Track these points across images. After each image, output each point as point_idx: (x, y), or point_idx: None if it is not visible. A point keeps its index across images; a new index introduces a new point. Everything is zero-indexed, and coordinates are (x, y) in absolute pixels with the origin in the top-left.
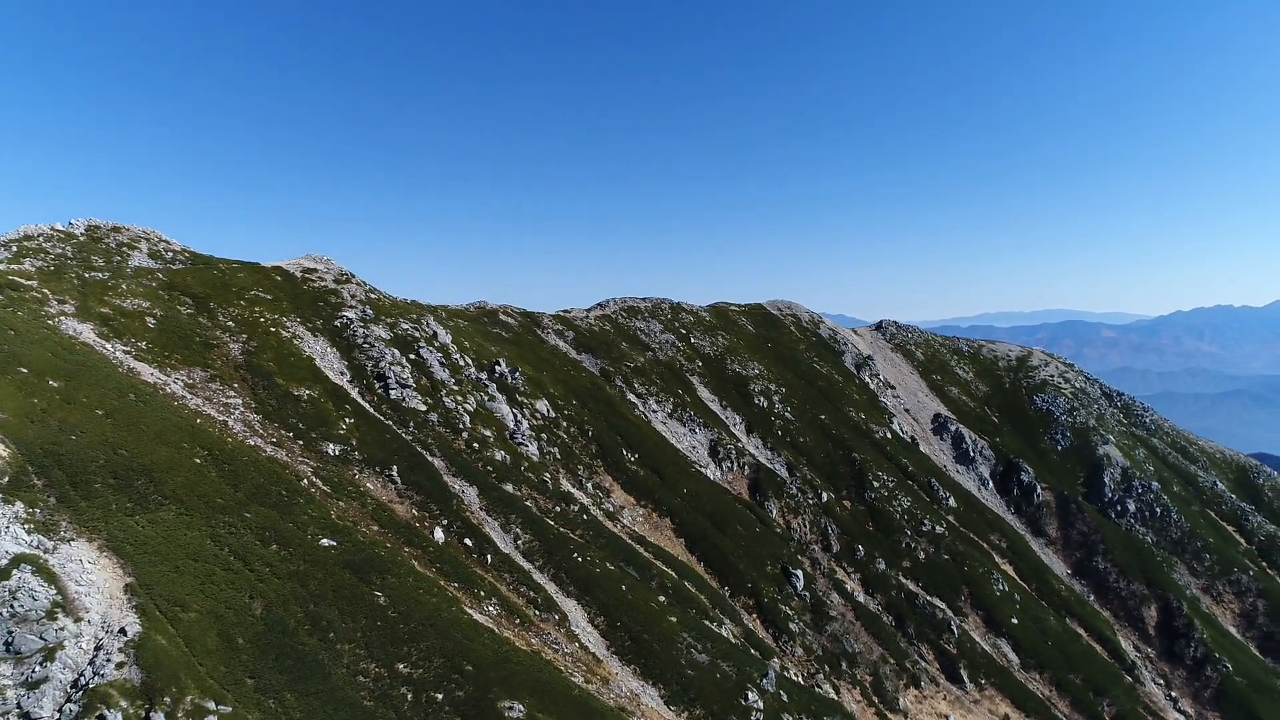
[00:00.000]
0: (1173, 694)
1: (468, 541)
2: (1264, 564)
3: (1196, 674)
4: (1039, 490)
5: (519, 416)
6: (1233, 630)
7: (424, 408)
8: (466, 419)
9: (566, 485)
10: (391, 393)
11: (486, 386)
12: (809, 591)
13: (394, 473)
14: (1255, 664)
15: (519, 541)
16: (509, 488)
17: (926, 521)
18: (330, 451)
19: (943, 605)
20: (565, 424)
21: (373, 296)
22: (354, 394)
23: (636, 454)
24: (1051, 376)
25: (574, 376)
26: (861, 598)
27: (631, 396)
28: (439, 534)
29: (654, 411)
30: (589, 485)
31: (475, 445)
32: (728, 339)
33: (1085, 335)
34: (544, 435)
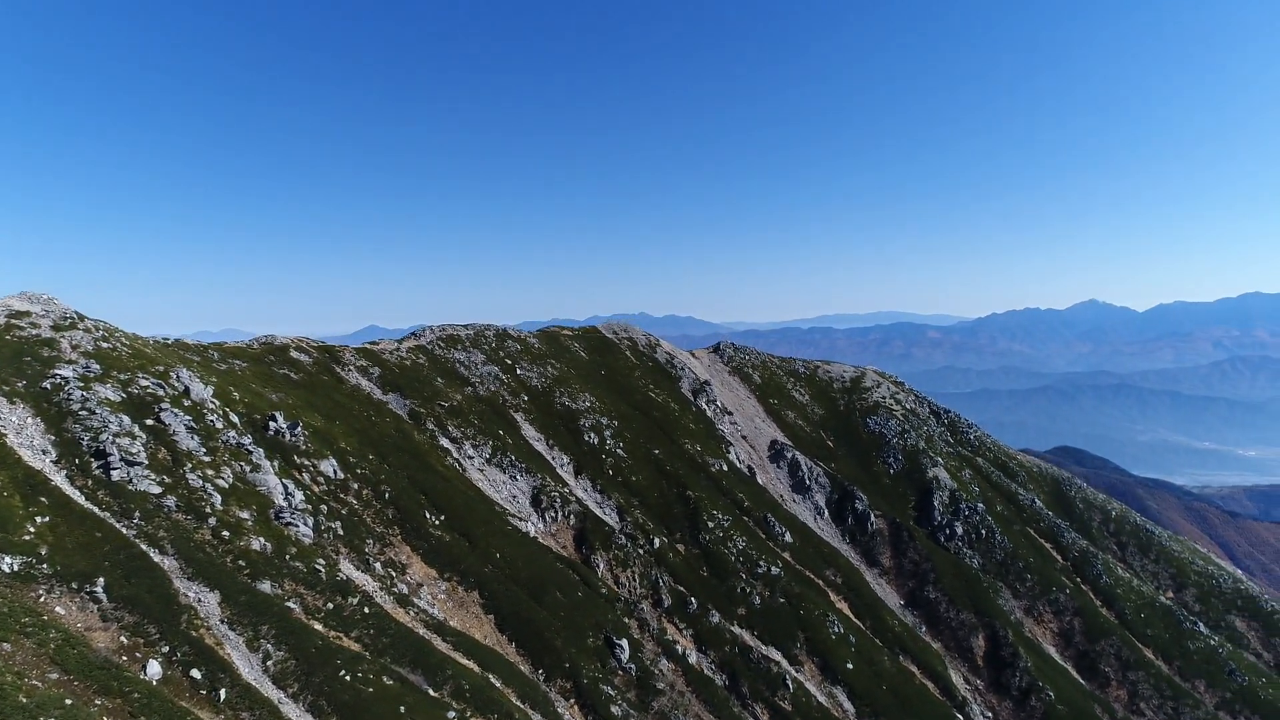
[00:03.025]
0: None
1: (196, 673)
2: (1078, 580)
3: (1022, 705)
4: (873, 518)
5: (291, 487)
6: (1053, 652)
7: (159, 490)
8: (217, 499)
9: (347, 570)
10: (114, 473)
11: (250, 453)
12: (634, 663)
13: (99, 587)
14: (1075, 689)
15: (269, 662)
16: (266, 587)
17: (762, 562)
18: (5, 568)
19: (778, 656)
20: (357, 486)
21: (105, 346)
22: (58, 480)
23: (443, 515)
24: (884, 398)
25: (375, 423)
26: (694, 658)
27: (445, 442)
28: (154, 668)
29: (470, 458)
30: (378, 565)
31: (226, 534)
32: (558, 368)
33: (914, 336)
34: (325, 506)
